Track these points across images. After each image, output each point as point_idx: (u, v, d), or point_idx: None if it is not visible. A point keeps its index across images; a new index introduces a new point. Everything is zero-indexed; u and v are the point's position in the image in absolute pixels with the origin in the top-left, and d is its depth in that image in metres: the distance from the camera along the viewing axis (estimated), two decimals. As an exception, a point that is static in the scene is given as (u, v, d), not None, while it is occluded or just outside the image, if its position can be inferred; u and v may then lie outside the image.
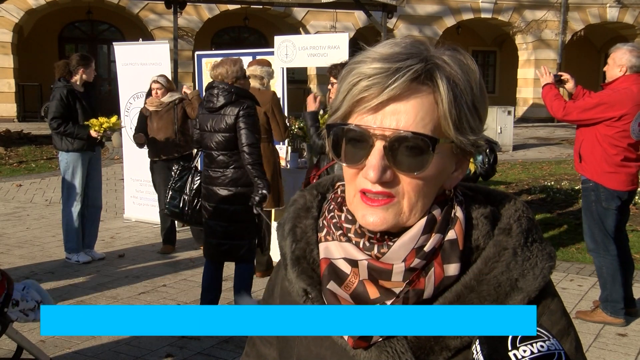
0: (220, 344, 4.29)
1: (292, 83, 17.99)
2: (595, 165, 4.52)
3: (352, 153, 0.88)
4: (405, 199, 0.87)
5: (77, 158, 6.04)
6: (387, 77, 0.84)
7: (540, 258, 0.92)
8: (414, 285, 0.88)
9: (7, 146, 13.99)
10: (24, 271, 5.77)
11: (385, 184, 0.86)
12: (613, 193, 4.50)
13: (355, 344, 0.90)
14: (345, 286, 0.91)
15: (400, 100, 0.85)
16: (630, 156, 4.48)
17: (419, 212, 0.89)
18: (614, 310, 4.58)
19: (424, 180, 0.87)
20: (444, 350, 0.90)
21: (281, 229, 1.03)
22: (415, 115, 0.85)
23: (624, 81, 4.38)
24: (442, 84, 0.85)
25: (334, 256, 0.92)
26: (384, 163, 0.85)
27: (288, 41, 7.83)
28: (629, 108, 4.36)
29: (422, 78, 0.85)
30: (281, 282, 1.07)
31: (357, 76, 0.86)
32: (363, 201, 0.88)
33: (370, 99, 0.85)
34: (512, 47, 24.81)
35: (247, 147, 4.34)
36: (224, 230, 4.49)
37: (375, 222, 0.87)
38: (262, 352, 1.15)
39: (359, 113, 0.87)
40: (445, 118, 0.86)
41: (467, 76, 0.88)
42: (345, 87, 0.88)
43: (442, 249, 0.90)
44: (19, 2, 18.75)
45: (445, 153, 0.88)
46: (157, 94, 6.33)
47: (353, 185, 0.90)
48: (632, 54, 4.37)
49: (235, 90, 4.44)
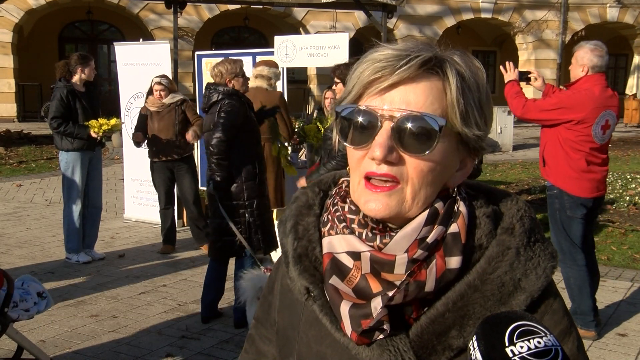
0: (220, 343, 4.29)
1: (292, 83, 18.00)
2: (558, 169, 4.30)
3: (360, 135, 0.88)
4: (409, 185, 0.87)
5: (76, 158, 6.04)
6: (399, 60, 0.86)
7: (542, 258, 0.92)
8: (415, 277, 0.88)
9: (7, 146, 13.99)
10: (24, 271, 5.76)
11: (390, 166, 0.87)
12: (577, 200, 4.27)
13: (358, 340, 0.90)
14: (347, 280, 0.91)
15: (410, 83, 0.86)
16: (594, 161, 4.24)
17: (421, 202, 0.89)
18: (584, 323, 4.32)
19: (429, 167, 0.87)
20: (446, 350, 0.90)
21: (283, 227, 1.03)
22: (425, 99, 0.86)
23: (585, 82, 4.18)
24: (451, 74, 0.87)
25: (337, 250, 0.92)
26: (391, 143, 0.86)
27: (288, 41, 7.84)
28: (588, 112, 4.12)
29: (432, 65, 0.87)
30: (281, 279, 1.07)
31: (369, 62, 0.88)
32: (367, 187, 0.88)
33: (381, 81, 0.87)
34: (512, 47, 24.79)
35: (211, 148, 4.38)
36: (218, 227, 4.54)
37: (377, 209, 0.87)
38: (261, 349, 1.15)
39: (368, 95, 0.89)
40: (452, 107, 0.87)
41: (475, 76, 0.90)
42: (356, 74, 0.90)
43: (444, 242, 0.90)
44: (19, 2, 18.75)
45: (450, 144, 0.89)
46: (161, 95, 6.29)
47: (358, 171, 0.90)
48: (594, 53, 4.15)
49: (223, 90, 4.47)
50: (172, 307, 4.96)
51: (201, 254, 6.39)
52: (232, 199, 4.47)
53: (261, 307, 1.15)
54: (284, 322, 1.06)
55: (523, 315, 0.79)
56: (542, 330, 0.76)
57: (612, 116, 4.22)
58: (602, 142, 4.24)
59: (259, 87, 5.81)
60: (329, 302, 0.94)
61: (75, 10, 21.35)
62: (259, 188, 4.58)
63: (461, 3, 23.04)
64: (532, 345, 0.74)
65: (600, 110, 4.15)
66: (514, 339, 0.75)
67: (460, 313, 0.90)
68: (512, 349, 0.74)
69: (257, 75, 5.94)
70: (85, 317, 4.75)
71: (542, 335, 0.75)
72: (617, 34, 25.56)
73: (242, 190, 4.48)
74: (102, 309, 4.93)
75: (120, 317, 4.75)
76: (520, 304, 0.90)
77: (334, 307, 0.92)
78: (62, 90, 5.93)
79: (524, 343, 0.74)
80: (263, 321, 1.14)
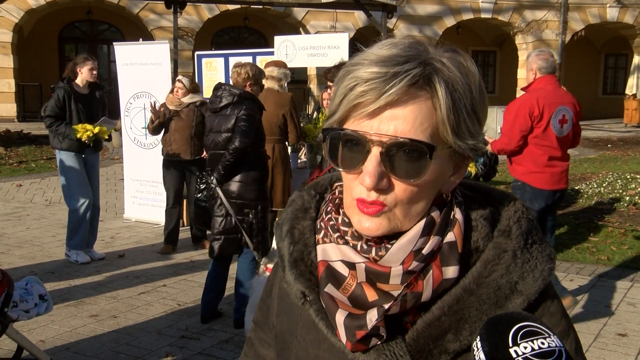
0: (220, 344, 4.29)
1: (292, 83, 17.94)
2: (523, 166, 4.67)
3: (349, 158, 0.86)
4: (399, 207, 0.86)
5: (68, 157, 6.03)
6: (385, 83, 0.81)
7: (539, 260, 0.91)
8: (412, 288, 0.87)
9: (7, 146, 13.99)
10: (24, 271, 5.76)
11: (380, 192, 0.85)
12: (537, 192, 4.62)
13: (353, 347, 0.89)
14: (343, 289, 0.90)
15: (398, 106, 0.82)
16: (555, 155, 4.62)
17: (414, 218, 0.88)
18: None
19: (420, 187, 0.86)
20: (442, 354, 0.89)
21: (279, 230, 1.01)
22: (414, 121, 0.83)
23: (538, 83, 4.61)
24: (440, 89, 0.83)
25: (332, 258, 0.91)
26: (381, 169, 0.83)
27: (288, 41, 7.84)
28: (543, 106, 4.51)
29: (420, 83, 0.83)
30: (279, 283, 1.06)
31: (353, 80, 0.84)
32: (359, 208, 0.87)
33: (367, 105, 0.83)
34: (512, 47, 24.80)
35: (234, 148, 4.39)
36: (219, 225, 4.53)
37: (370, 228, 0.86)
38: (260, 353, 1.14)
39: (355, 118, 0.85)
40: (443, 123, 0.84)
41: (466, 79, 0.86)
42: (341, 90, 0.86)
43: (440, 252, 0.89)
44: (19, 2, 18.75)
45: (443, 158, 0.87)
46: (178, 93, 6.35)
47: (350, 192, 0.88)
48: (539, 57, 4.60)
49: (240, 92, 4.47)
50: (172, 307, 4.96)
51: (201, 254, 6.39)
52: (239, 198, 4.49)
53: (260, 311, 1.14)
54: (282, 325, 1.06)
55: (527, 316, 0.79)
56: (546, 331, 0.76)
57: (567, 111, 4.62)
58: (561, 135, 4.62)
59: (270, 89, 5.76)
60: (325, 309, 0.93)
61: (75, 10, 21.34)
62: (265, 190, 4.66)
63: (461, 3, 23.04)
64: (536, 345, 0.74)
65: (555, 106, 4.56)
66: (517, 339, 0.75)
67: (456, 317, 0.89)
68: (515, 349, 0.74)
69: (267, 77, 5.93)
70: (85, 317, 4.74)
71: (546, 336, 0.75)
72: (617, 34, 25.58)
73: (249, 190, 4.51)
74: (102, 309, 4.93)
75: (120, 317, 4.75)
76: (517, 307, 0.89)
77: (330, 316, 0.91)
78: (60, 90, 5.93)
79: (527, 344, 0.74)
80: (262, 325, 1.13)
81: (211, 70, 8.13)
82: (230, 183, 4.51)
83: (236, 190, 4.49)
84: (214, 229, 4.59)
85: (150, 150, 7.84)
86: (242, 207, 4.51)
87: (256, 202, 4.54)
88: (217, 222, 4.56)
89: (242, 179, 4.50)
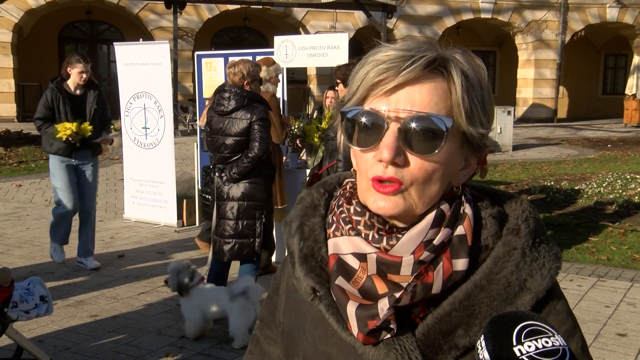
0: (220, 344, 4.28)
1: (292, 83, 18.00)
2: None
3: (366, 137, 0.89)
4: (415, 185, 0.88)
5: (55, 161, 5.83)
6: (403, 62, 0.86)
7: (547, 259, 0.93)
8: (422, 279, 0.88)
9: (7, 146, 13.98)
10: (24, 271, 5.76)
11: (396, 170, 0.87)
12: None
13: (364, 340, 0.90)
14: (353, 281, 0.91)
15: (415, 84, 0.87)
16: None
17: (427, 200, 0.89)
18: None
19: (434, 167, 0.88)
20: (452, 349, 0.90)
21: (288, 227, 1.03)
22: (430, 100, 0.87)
23: None
24: (455, 74, 0.88)
25: (343, 251, 0.93)
26: (398, 144, 0.86)
27: (288, 41, 7.83)
28: None
29: (436, 65, 0.87)
30: (287, 280, 1.07)
31: (373, 64, 0.88)
32: (374, 188, 0.89)
33: (386, 83, 0.87)
34: (512, 47, 24.81)
35: (254, 155, 4.40)
36: (231, 229, 4.52)
37: (386, 207, 0.88)
38: (265, 350, 1.15)
39: (373, 97, 0.89)
40: (458, 106, 0.87)
41: (477, 74, 0.90)
42: (360, 75, 0.90)
43: (450, 244, 0.90)
44: (19, 2, 18.75)
45: (455, 143, 0.89)
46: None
47: (365, 172, 0.90)
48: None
49: (248, 94, 4.46)
50: (172, 307, 4.96)
51: (201, 255, 6.38)
52: (250, 199, 4.50)
53: (266, 308, 1.15)
54: (289, 322, 1.06)
55: (531, 315, 0.79)
56: (550, 330, 0.76)
57: None
58: None
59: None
60: (336, 302, 0.94)
61: (75, 10, 21.35)
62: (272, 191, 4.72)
63: (461, 3, 23.05)
64: (540, 344, 0.74)
65: None
66: (521, 338, 0.75)
67: (466, 312, 0.90)
68: (519, 348, 0.74)
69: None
70: (85, 317, 4.74)
71: (550, 335, 0.75)
72: (617, 34, 25.58)
73: (262, 191, 4.54)
74: (102, 309, 4.93)
75: (120, 317, 4.75)
76: (525, 304, 0.90)
77: (341, 308, 0.93)
78: (48, 91, 5.69)
79: (531, 342, 0.74)
80: (268, 322, 1.14)
81: (211, 70, 8.11)
82: (228, 189, 4.51)
83: (247, 192, 4.49)
84: (224, 231, 4.55)
85: (150, 150, 7.85)
86: (254, 208, 4.51)
87: (266, 202, 4.57)
88: (228, 225, 4.53)
89: (254, 179, 4.51)
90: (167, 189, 7.75)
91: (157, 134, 7.78)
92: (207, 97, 8.04)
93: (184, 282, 4.20)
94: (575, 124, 23.29)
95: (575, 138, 18.48)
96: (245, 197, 4.48)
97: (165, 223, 7.72)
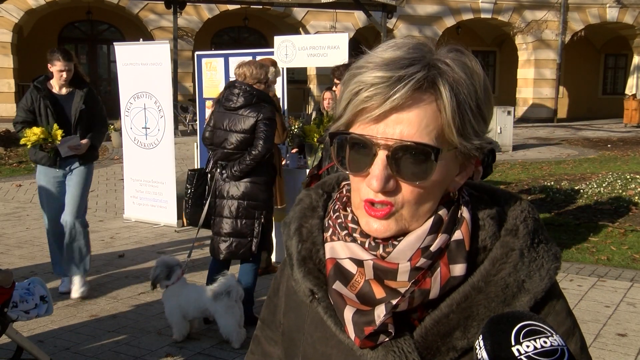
0: (220, 344, 4.28)
1: (292, 83, 17.99)
2: None
3: (356, 161, 0.87)
4: (406, 207, 0.87)
5: (39, 170, 5.21)
6: (389, 87, 0.82)
7: (546, 259, 0.92)
8: (419, 285, 0.88)
9: (7, 146, 13.99)
10: (24, 271, 5.77)
11: (387, 193, 0.86)
12: None
13: (362, 344, 0.90)
14: (351, 286, 0.90)
15: (403, 110, 0.83)
16: None
17: (421, 218, 0.88)
18: None
19: (426, 188, 0.87)
20: (450, 351, 0.90)
21: (287, 229, 1.02)
22: (419, 124, 0.84)
23: None
24: (444, 92, 0.84)
25: (340, 256, 0.92)
26: (387, 172, 0.84)
27: (288, 41, 7.83)
28: None
29: (424, 86, 0.84)
30: (287, 281, 1.07)
31: (358, 85, 0.85)
32: (366, 210, 0.88)
33: (372, 109, 0.84)
34: (512, 47, 24.81)
35: (257, 154, 4.40)
36: (229, 227, 4.52)
37: (378, 230, 0.87)
38: (267, 351, 1.15)
39: (361, 122, 0.86)
40: (448, 125, 0.84)
41: (471, 79, 0.86)
42: (347, 95, 0.87)
43: (448, 249, 0.89)
44: (19, 2, 18.75)
45: (448, 159, 0.88)
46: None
47: (358, 193, 0.90)
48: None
49: (257, 93, 4.46)
50: (172, 307, 4.96)
51: (201, 254, 6.38)
52: (251, 198, 4.50)
53: (267, 309, 1.15)
54: (289, 323, 1.06)
55: (529, 315, 0.79)
56: (548, 330, 0.76)
57: None
58: None
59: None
60: (333, 306, 0.94)
61: (75, 10, 21.35)
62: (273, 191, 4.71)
63: (461, 3, 23.05)
64: (539, 344, 0.74)
65: None
66: (520, 338, 0.75)
67: (464, 314, 0.90)
68: (518, 348, 0.74)
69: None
70: (85, 317, 4.74)
71: (549, 335, 0.75)
72: (616, 34, 25.58)
73: (262, 191, 4.54)
74: (102, 309, 4.93)
75: (120, 317, 4.75)
76: (523, 305, 0.90)
77: (338, 312, 0.93)
78: (29, 91, 5.07)
79: (530, 342, 0.74)
80: (269, 322, 1.14)
81: (211, 70, 8.11)
82: (229, 187, 4.51)
83: (248, 191, 4.49)
84: (221, 229, 4.55)
85: (150, 150, 7.85)
86: (254, 208, 4.51)
87: (267, 202, 4.57)
88: (226, 223, 4.52)
89: (255, 179, 4.51)
90: (167, 189, 7.76)
91: (157, 134, 7.78)
92: (207, 97, 8.06)
93: (156, 278, 4.22)
94: (575, 124, 23.29)
95: (575, 138, 18.49)
96: (245, 196, 4.48)
97: (165, 223, 7.73)
